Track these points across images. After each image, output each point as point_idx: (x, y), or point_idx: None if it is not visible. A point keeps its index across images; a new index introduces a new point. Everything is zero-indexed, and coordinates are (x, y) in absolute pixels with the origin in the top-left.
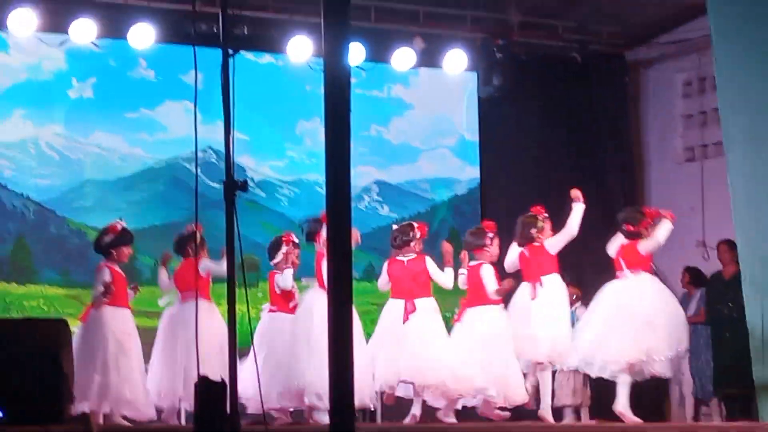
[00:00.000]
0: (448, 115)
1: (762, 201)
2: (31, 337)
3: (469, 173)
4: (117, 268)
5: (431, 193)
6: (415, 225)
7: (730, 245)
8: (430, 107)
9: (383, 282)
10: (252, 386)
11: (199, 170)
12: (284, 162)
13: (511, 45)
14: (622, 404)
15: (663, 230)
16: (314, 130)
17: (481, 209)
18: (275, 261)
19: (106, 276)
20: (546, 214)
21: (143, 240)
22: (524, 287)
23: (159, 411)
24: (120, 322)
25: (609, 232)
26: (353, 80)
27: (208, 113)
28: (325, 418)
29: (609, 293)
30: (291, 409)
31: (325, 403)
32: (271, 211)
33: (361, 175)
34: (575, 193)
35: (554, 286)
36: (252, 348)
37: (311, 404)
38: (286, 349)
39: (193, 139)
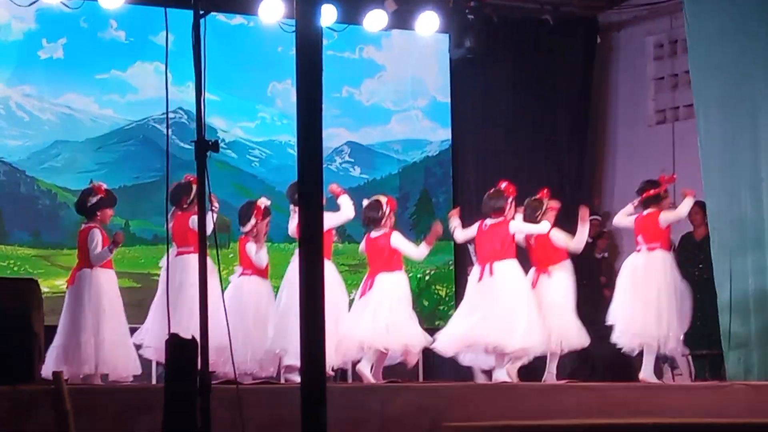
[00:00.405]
0: (419, 76)
1: (731, 164)
2: (1, 296)
3: (441, 135)
4: (102, 230)
5: (403, 154)
6: (383, 200)
7: (701, 206)
8: (401, 69)
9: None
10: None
11: (170, 131)
12: (255, 123)
13: (483, 7)
14: (648, 372)
15: (686, 205)
16: (286, 92)
17: (453, 171)
18: (245, 230)
19: (98, 236)
20: (549, 198)
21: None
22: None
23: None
24: (107, 283)
25: (578, 197)
26: (325, 42)
27: (179, 74)
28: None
29: (629, 268)
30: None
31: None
32: (242, 171)
33: (333, 136)
34: (583, 212)
35: (562, 274)
36: (224, 309)
37: (290, 365)
38: (259, 313)
39: (164, 99)
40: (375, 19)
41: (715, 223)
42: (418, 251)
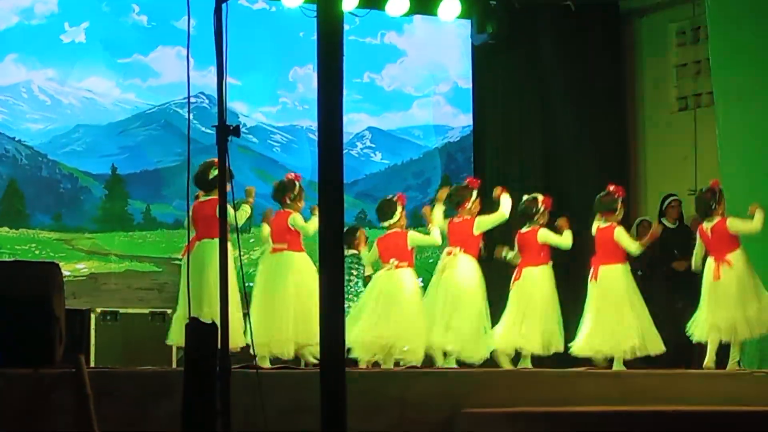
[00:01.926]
0: (441, 62)
1: (751, 151)
2: (22, 280)
3: (462, 120)
4: None
5: (424, 140)
6: (540, 198)
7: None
8: (423, 54)
9: None
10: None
11: (191, 115)
12: (277, 108)
13: None
14: (712, 360)
15: (759, 218)
16: (307, 77)
17: (474, 157)
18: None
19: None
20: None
21: (135, 185)
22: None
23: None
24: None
25: (601, 185)
26: (346, 27)
27: (200, 59)
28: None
29: (707, 270)
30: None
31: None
32: (263, 156)
33: (354, 121)
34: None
35: None
36: (243, 292)
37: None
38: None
39: (185, 84)
40: (397, 5)
41: (734, 210)
42: (565, 240)
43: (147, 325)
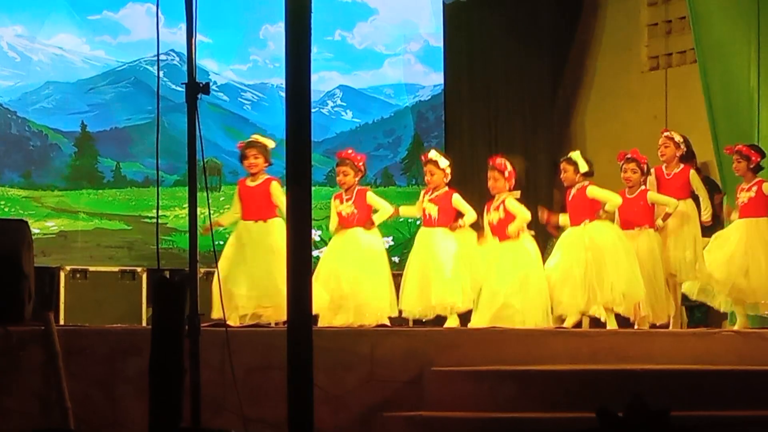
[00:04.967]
0: (412, 20)
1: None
2: None
3: (433, 79)
4: None
5: (395, 98)
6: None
7: None
8: (395, 12)
9: None
10: None
11: (161, 73)
12: (247, 66)
13: None
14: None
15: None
16: (278, 34)
17: (445, 115)
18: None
19: None
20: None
21: (105, 142)
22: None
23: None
24: None
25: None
26: None
27: (171, 16)
28: None
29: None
30: None
31: None
32: (233, 114)
33: (325, 79)
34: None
35: None
36: (214, 253)
37: None
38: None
39: (156, 41)
40: None
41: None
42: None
43: (116, 283)
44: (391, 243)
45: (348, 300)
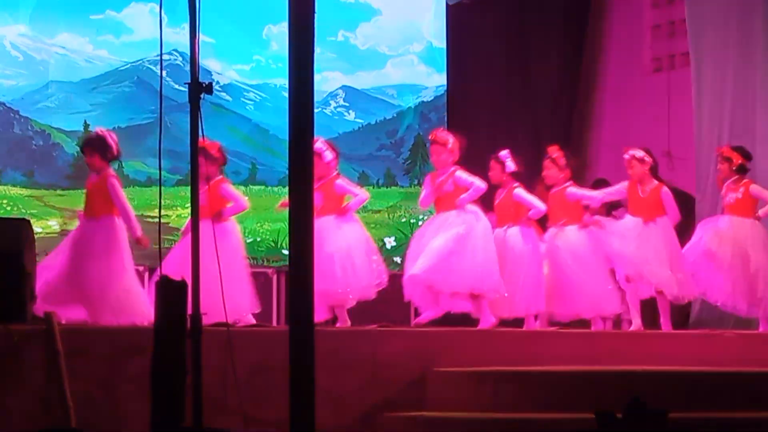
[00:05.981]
0: (416, 21)
1: (723, 114)
2: None
3: (436, 80)
4: None
5: (398, 99)
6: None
7: None
8: (398, 13)
9: None
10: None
11: (164, 73)
12: (250, 66)
13: None
14: None
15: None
16: (281, 35)
17: (447, 116)
18: None
19: None
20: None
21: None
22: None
23: None
24: None
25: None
26: None
27: (174, 16)
28: None
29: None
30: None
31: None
32: (236, 114)
33: (328, 80)
34: None
35: None
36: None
37: None
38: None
39: (159, 41)
40: None
41: (702, 172)
42: None
43: None
44: (393, 243)
45: None
